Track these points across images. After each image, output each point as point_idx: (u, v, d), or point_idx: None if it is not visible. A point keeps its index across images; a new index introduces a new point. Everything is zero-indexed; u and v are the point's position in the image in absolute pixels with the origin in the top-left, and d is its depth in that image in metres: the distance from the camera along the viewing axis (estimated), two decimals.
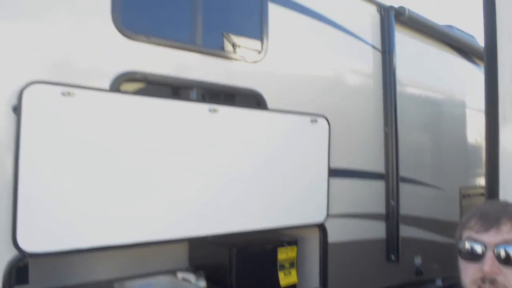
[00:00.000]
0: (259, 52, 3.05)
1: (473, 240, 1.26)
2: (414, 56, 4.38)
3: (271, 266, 3.30)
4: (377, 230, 3.85)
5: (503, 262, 1.20)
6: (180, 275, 3.23)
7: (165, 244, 2.81)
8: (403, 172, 3.99)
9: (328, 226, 3.41)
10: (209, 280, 3.11)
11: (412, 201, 4.14)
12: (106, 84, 2.41)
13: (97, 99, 2.33)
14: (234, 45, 2.94)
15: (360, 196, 3.77)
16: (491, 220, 1.25)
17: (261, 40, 3.06)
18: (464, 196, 5.01)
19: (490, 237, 1.23)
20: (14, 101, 2.11)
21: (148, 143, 2.46)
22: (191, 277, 3.15)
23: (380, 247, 3.83)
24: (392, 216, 3.85)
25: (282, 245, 3.37)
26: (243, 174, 2.86)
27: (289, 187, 3.12)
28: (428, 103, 4.73)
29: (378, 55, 3.92)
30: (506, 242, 1.21)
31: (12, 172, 2.08)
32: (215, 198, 2.72)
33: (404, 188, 3.96)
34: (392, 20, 3.94)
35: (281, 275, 3.33)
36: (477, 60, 5.49)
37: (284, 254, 3.37)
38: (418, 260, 4.22)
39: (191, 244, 3.49)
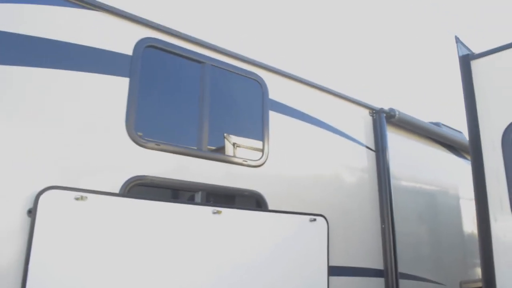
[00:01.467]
0: (261, 156, 3.25)
1: None
2: (406, 153, 4.61)
3: None
4: None
5: None
6: None
7: None
8: (402, 268, 4.01)
9: None
10: None
11: None
12: (117, 188, 2.54)
13: (108, 203, 2.45)
14: (237, 150, 3.13)
15: None
16: None
17: (263, 145, 3.28)
18: None
19: None
20: (29, 205, 2.22)
21: (155, 244, 2.54)
22: None
23: None
24: None
25: None
26: (245, 273, 2.90)
27: (290, 286, 3.13)
28: (422, 197, 4.87)
29: (372, 154, 4.14)
30: None
31: (21, 273, 2.13)
32: None
33: (404, 285, 3.95)
34: (383, 121, 4.22)
35: None
36: (465, 154, 5.75)
37: None
38: None
39: None
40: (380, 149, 4.14)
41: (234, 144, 3.15)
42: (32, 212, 2.22)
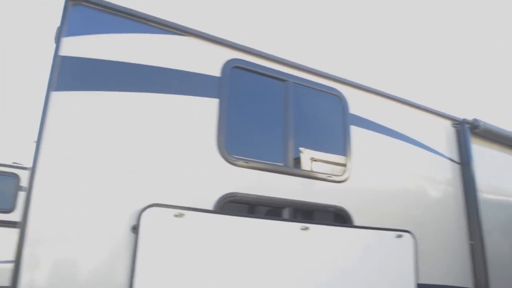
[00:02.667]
0: (344, 172, 3.24)
1: None
2: (492, 164, 4.38)
3: None
4: None
5: None
6: None
7: None
8: (494, 287, 3.79)
9: None
10: None
11: None
12: (211, 205, 2.65)
13: (204, 219, 2.56)
14: (321, 166, 3.15)
15: None
16: None
17: (345, 160, 3.27)
18: None
19: None
20: (133, 222, 2.38)
21: (248, 259, 2.62)
22: None
23: None
24: None
25: None
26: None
27: None
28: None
29: (457, 167, 3.98)
30: None
31: (127, 285, 2.29)
32: None
33: None
34: (467, 132, 4.05)
35: None
36: None
37: None
38: None
39: None
40: (465, 161, 3.98)
41: (317, 159, 3.17)
42: (135, 228, 2.37)
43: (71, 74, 2.50)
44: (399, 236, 3.26)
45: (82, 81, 2.51)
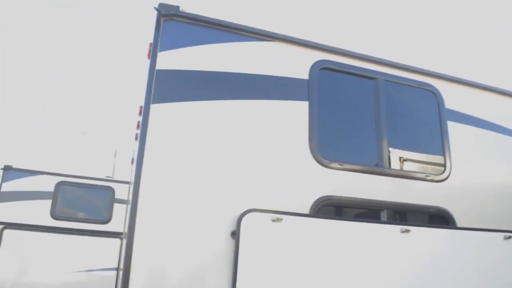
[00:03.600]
0: (444, 170, 3.08)
1: None
2: None
3: None
4: None
5: None
6: None
7: None
8: None
9: None
10: None
11: None
12: (307, 209, 2.64)
13: (301, 223, 2.56)
14: (418, 165, 3.02)
15: None
16: None
17: (444, 158, 3.11)
18: None
19: None
20: (232, 228, 2.44)
21: (346, 263, 2.57)
22: None
23: None
24: None
25: None
26: None
27: None
28: None
29: None
30: None
31: None
32: None
33: None
34: None
35: None
36: None
37: None
38: None
39: None
40: None
41: (414, 158, 3.04)
42: (235, 234, 2.43)
43: (168, 87, 2.62)
44: (508, 237, 3.02)
45: (178, 92, 2.63)
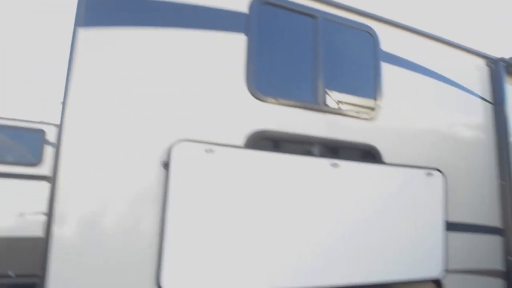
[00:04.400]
0: (374, 109, 3.19)
1: None
2: None
3: None
4: None
5: None
6: None
7: None
8: None
9: (444, 282, 3.31)
10: None
11: None
12: (240, 142, 2.67)
13: (234, 155, 2.59)
14: (351, 104, 3.11)
15: (477, 251, 3.63)
16: None
17: (375, 97, 3.21)
18: None
19: None
20: (163, 157, 2.42)
21: (277, 195, 2.66)
22: None
23: None
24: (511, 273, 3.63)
25: None
26: (359, 227, 2.94)
27: (405, 241, 3.12)
28: None
29: (489, 107, 3.88)
30: None
31: (159, 220, 2.36)
32: (330, 250, 2.82)
33: None
34: (502, 71, 3.91)
35: None
36: None
37: None
38: None
39: None
40: (498, 101, 3.86)
41: (347, 97, 3.13)
42: (167, 164, 2.41)
43: (97, 9, 2.46)
44: (429, 174, 3.25)
45: (108, 17, 2.48)
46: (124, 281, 2.31)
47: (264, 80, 2.83)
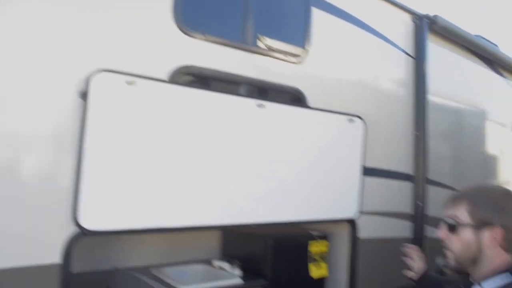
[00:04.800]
0: (302, 53, 3.22)
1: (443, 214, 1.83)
2: (445, 63, 4.51)
3: (303, 259, 3.45)
4: (403, 229, 3.98)
5: (448, 229, 1.77)
6: (215, 263, 3.39)
7: (208, 230, 2.96)
8: (430, 175, 4.11)
9: (358, 222, 3.55)
10: (242, 269, 3.24)
11: (438, 203, 4.24)
12: (165, 76, 2.59)
13: (157, 89, 2.50)
14: (280, 46, 3.10)
15: (389, 195, 3.91)
16: (450, 200, 1.82)
17: (304, 42, 3.23)
18: None
19: (445, 211, 1.82)
20: (81, 87, 2.28)
21: (200, 132, 2.64)
22: (226, 266, 3.30)
23: None
24: (418, 217, 3.96)
25: (313, 239, 3.52)
26: (281, 167, 3.01)
27: (324, 182, 3.26)
28: (453, 112, 4.85)
29: (411, 61, 4.07)
30: (449, 216, 1.78)
31: (77, 153, 2.26)
32: (253, 188, 2.88)
33: (430, 190, 4.07)
34: (425, 28, 4.09)
35: (312, 267, 3.47)
36: (501, 70, 5.62)
37: (316, 248, 3.51)
38: (440, 260, 4.30)
39: (224, 235, 3.65)
40: (419, 57, 4.06)
41: (276, 39, 3.10)
42: (85, 95, 2.27)
43: None
44: (351, 120, 3.38)
45: None
46: (40, 222, 2.18)
47: (192, 14, 2.72)
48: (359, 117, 3.43)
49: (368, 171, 3.60)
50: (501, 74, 5.64)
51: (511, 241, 1.68)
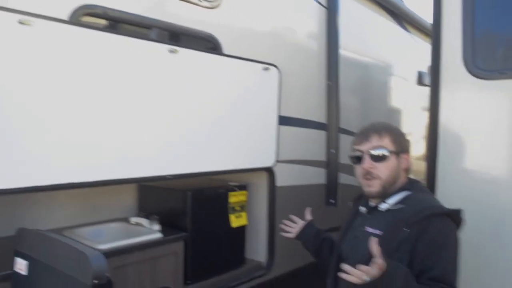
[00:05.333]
0: None
1: (355, 150, 2.06)
2: (353, 16, 4.64)
3: (223, 209, 3.46)
4: (318, 176, 4.15)
5: (374, 160, 1.99)
6: (133, 220, 3.28)
7: (117, 184, 2.75)
8: (341, 124, 4.28)
9: (276, 171, 3.61)
10: (161, 224, 3.18)
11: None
12: (65, 17, 2.33)
13: (56, 30, 2.24)
14: None
15: (304, 144, 4.02)
16: (363, 135, 2.04)
17: None
18: None
19: (364, 146, 2.01)
20: None
21: (107, 79, 2.43)
22: (144, 221, 3.21)
23: (321, 192, 4.14)
24: (332, 164, 4.14)
25: (233, 189, 3.54)
26: (196, 116, 2.90)
27: (241, 131, 3.23)
28: (361, 65, 5.05)
29: (324, 11, 4.11)
30: (373, 148, 1.99)
31: None
32: (167, 138, 2.75)
33: (342, 138, 4.25)
34: None
35: (232, 217, 3.51)
36: (407, 25, 5.94)
37: (235, 198, 3.54)
38: (350, 203, 4.57)
39: (141, 190, 3.53)
40: (332, 8, 4.11)
41: None
42: None
43: None
44: (266, 69, 3.36)
45: None
46: None
47: None
48: (274, 65, 3.42)
49: (283, 120, 3.64)
50: (406, 29, 5.95)
51: (411, 163, 2.07)
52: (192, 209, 3.22)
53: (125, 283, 2.71)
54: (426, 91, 6.34)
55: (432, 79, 2.73)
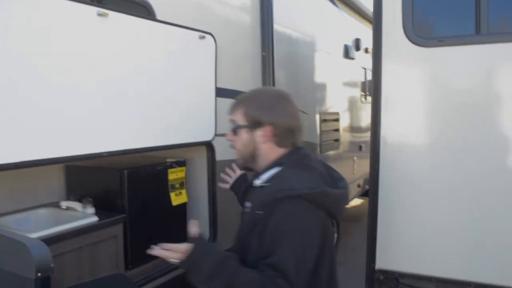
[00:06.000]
0: None
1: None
2: None
3: (162, 188, 3.29)
4: None
5: (233, 132, 1.95)
6: (63, 204, 3.00)
7: (42, 165, 2.41)
8: None
9: (215, 144, 3.49)
10: (96, 207, 2.94)
11: None
12: None
13: None
14: None
15: None
16: (231, 108, 1.99)
17: None
18: (322, 120, 5.65)
19: (229, 117, 1.99)
20: None
21: (27, 44, 2.09)
22: (77, 205, 2.95)
23: None
24: None
25: (171, 166, 3.37)
26: (130, 87, 2.64)
27: (178, 104, 3.03)
28: (290, 39, 5.05)
29: None
30: (232, 121, 1.96)
31: None
32: (97, 112, 2.46)
33: None
34: None
35: (172, 195, 3.35)
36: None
37: (174, 175, 3.38)
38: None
39: (71, 171, 3.22)
40: None
41: None
42: None
43: None
44: (202, 37, 3.17)
45: None
46: None
47: None
48: (210, 34, 3.25)
49: (220, 92, 3.51)
50: (334, 3, 6.06)
51: (281, 137, 1.88)
52: (129, 189, 3.01)
53: (62, 274, 2.45)
54: (351, 64, 6.74)
55: (374, 46, 2.76)
